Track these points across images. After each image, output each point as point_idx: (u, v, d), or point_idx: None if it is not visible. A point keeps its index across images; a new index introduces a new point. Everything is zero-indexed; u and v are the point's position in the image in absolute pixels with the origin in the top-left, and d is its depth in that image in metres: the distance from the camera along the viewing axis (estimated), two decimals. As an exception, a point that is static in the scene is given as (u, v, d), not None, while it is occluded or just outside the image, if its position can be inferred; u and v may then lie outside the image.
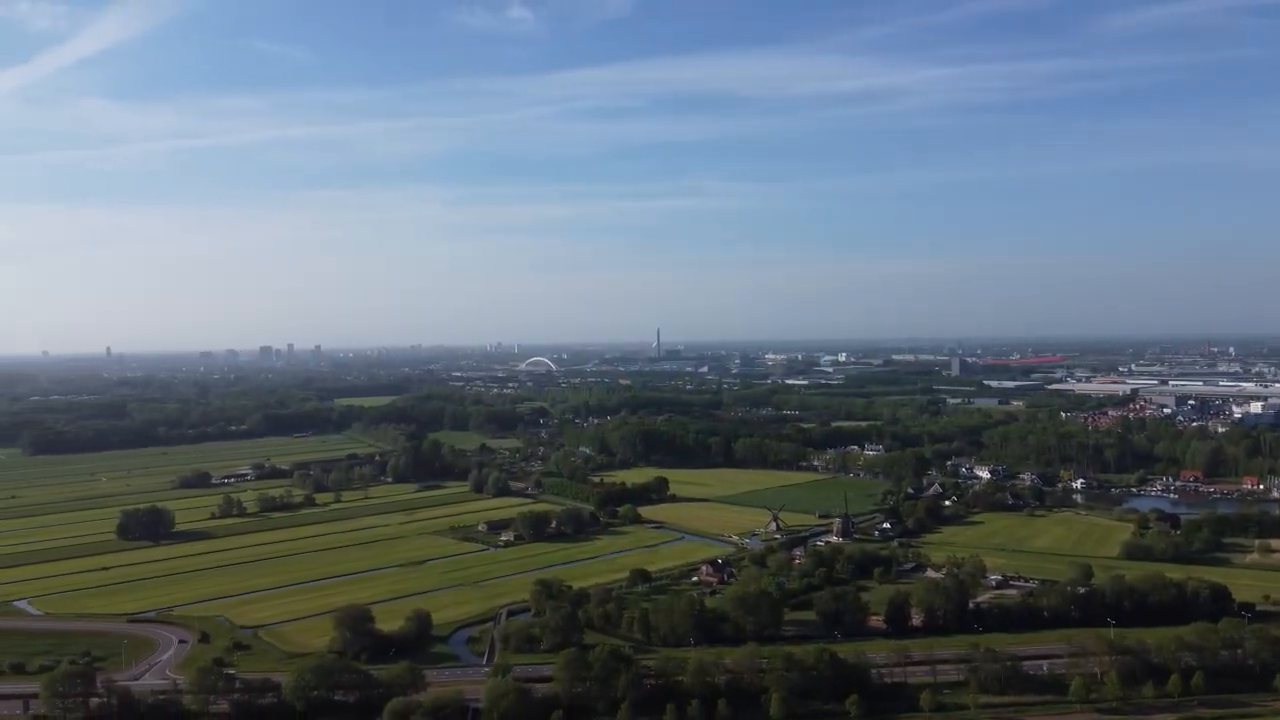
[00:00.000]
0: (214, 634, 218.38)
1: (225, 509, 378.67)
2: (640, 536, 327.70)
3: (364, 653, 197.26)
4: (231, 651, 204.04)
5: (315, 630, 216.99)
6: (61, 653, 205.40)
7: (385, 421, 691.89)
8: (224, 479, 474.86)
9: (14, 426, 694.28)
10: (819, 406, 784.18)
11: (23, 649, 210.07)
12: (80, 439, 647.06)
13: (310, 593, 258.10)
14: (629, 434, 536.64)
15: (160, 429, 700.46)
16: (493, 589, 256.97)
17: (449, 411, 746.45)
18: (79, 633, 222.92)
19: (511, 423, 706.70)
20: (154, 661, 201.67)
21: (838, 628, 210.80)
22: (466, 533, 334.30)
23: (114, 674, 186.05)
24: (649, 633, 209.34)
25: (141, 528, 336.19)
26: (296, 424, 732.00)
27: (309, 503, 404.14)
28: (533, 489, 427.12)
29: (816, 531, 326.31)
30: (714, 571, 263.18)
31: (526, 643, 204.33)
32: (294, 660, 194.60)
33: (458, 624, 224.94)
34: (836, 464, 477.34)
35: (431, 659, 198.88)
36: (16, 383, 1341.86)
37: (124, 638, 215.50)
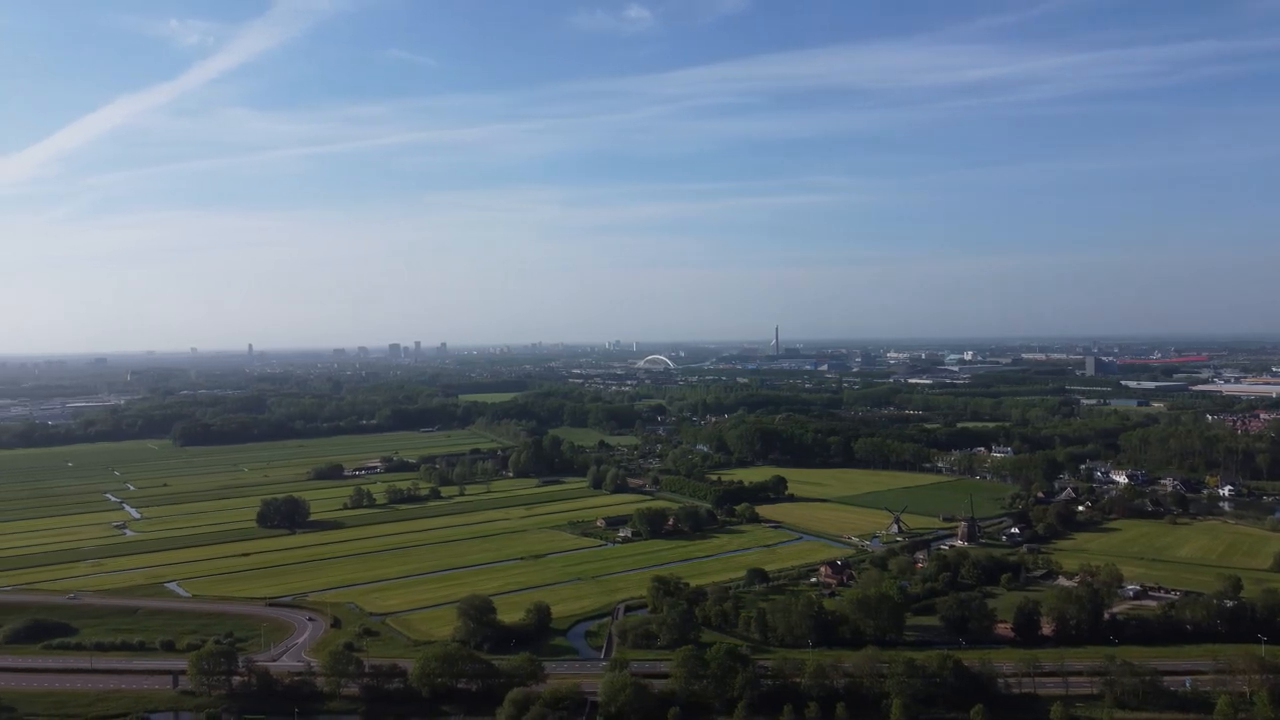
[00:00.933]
0: (345, 620, 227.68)
1: (356, 500, 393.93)
2: (757, 535, 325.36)
3: (486, 643, 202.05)
4: (361, 637, 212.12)
5: (440, 619, 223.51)
6: (207, 633, 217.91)
7: (507, 417, 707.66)
8: (355, 471, 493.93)
9: (166, 419, 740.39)
10: (943, 406, 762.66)
11: (173, 628, 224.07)
12: (225, 431, 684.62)
13: (435, 583, 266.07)
14: (747, 432, 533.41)
15: (297, 422, 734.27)
16: (610, 584, 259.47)
17: (568, 408, 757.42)
18: (223, 614, 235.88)
19: (629, 420, 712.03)
20: (290, 644, 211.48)
21: (962, 634, 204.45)
22: (585, 528, 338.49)
23: (254, 655, 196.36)
24: (766, 633, 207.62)
25: (279, 516, 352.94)
26: (423, 419, 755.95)
27: (434, 495, 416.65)
28: (650, 486, 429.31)
29: (940, 535, 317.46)
30: (833, 573, 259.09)
31: (643, 639, 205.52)
32: (419, 647, 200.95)
33: (576, 618, 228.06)
34: (962, 466, 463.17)
35: (550, 651, 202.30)
36: (168, 378, 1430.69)
37: (263, 621, 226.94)
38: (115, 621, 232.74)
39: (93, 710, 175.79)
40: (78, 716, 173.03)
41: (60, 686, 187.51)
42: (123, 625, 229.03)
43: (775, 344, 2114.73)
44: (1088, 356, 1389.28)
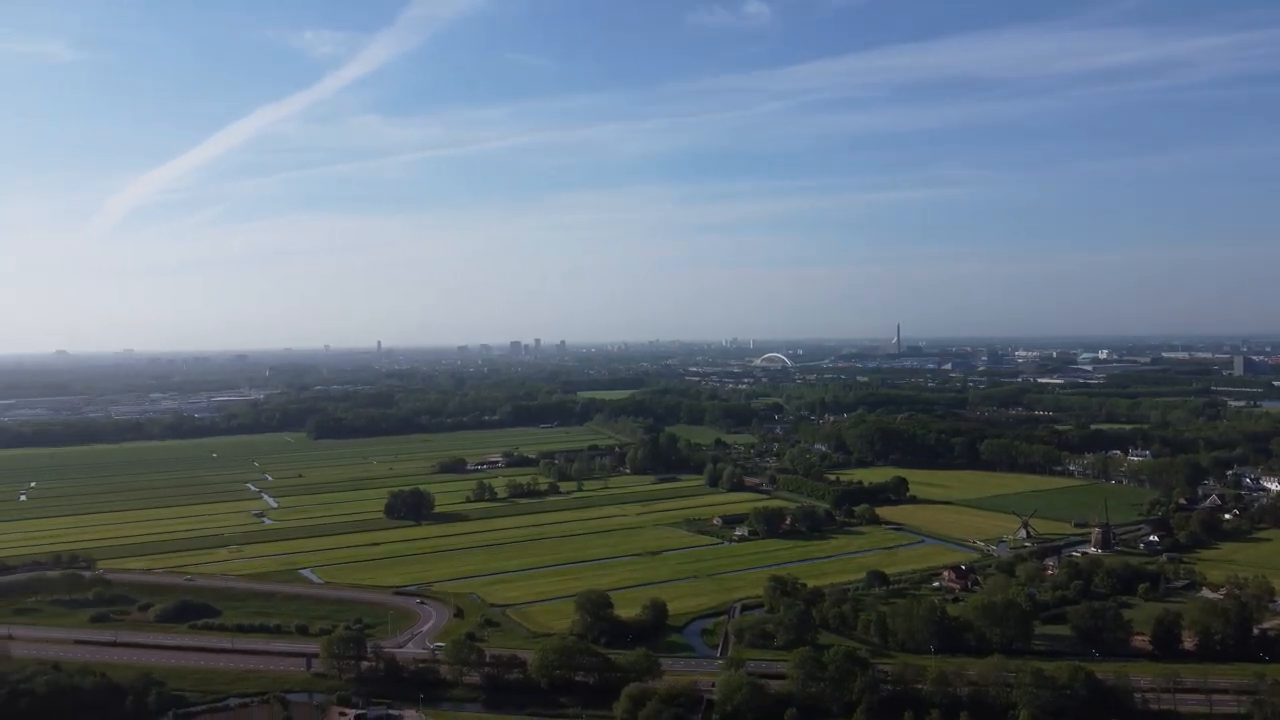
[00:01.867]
0: (467, 610, 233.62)
1: (478, 493, 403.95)
2: (877, 537, 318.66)
3: (603, 637, 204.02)
4: (483, 628, 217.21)
5: (558, 612, 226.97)
6: (338, 618, 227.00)
7: (624, 414, 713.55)
8: (477, 465, 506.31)
9: (301, 413, 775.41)
10: (1076, 407, 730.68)
11: (307, 613, 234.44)
12: (355, 425, 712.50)
13: (553, 576, 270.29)
14: (866, 432, 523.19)
15: (423, 417, 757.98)
16: (726, 583, 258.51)
17: (685, 406, 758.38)
18: (352, 601, 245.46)
19: (746, 418, 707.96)
20: (415, 632, 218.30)
21: (1095, 645, 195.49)
22: (701, 526, 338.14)
23: (381, 641, 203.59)
24: (886, 637, 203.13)
25: (405, 508, 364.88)
26: (543, 415, 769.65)
27: (553, 490, 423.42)
28: (767, 485, 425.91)
29: (1072, 541, 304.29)
30: (957, 577, 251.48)
31: (760, 638, 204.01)
32: (538, 639, 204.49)
33: (692, 615, 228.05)
34: (1096, 469, 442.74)
35: (667, 648, 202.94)
36: (303, 374, 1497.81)
37: (390, 608, 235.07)
38: (254, 605, 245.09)
39: (234, 688, 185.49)
40: (221, 693, 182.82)
41: (204, 664, 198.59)
42: (261, 609, 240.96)
43: (896, 342, 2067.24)
44: (1235, 356, 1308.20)
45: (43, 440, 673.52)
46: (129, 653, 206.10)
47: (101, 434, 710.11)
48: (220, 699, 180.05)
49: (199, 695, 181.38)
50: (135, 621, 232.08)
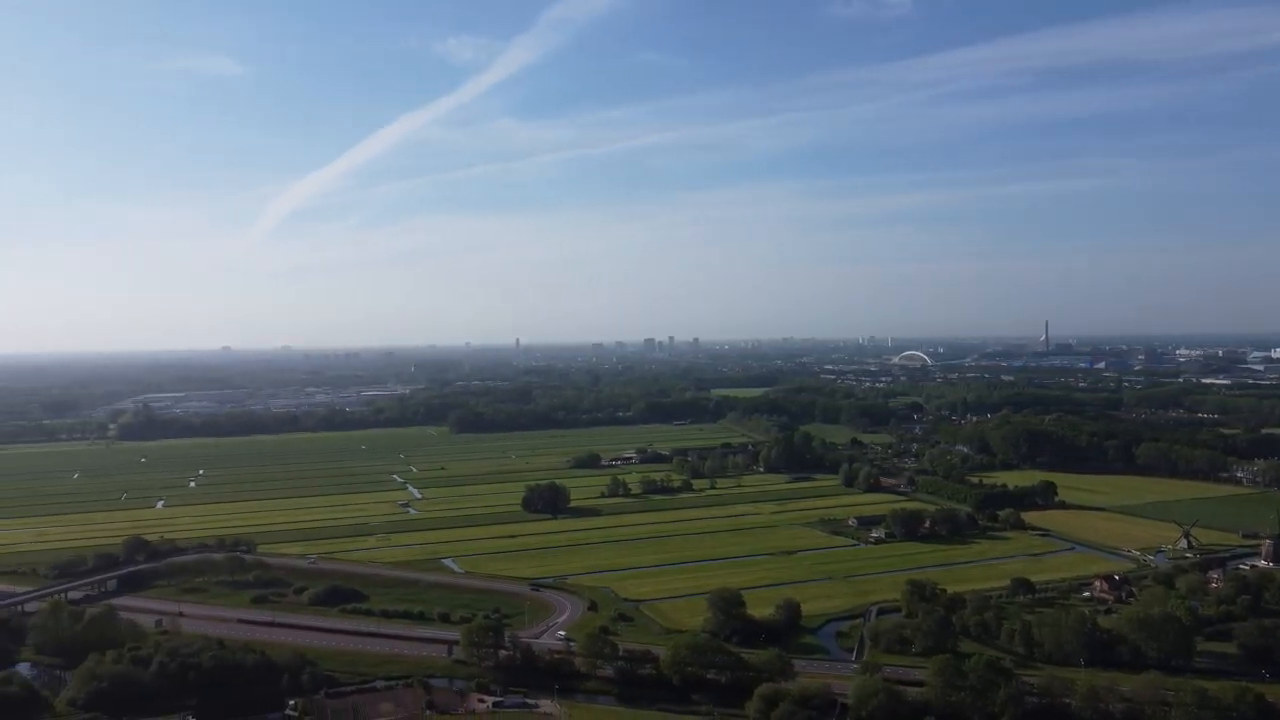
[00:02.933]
0: (601, 604, 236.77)
1: (612, 489, 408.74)
2: (1022, 543, 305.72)
3: (735, 635, 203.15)
4: (616, 622, 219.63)
5: (690, 609, 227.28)
6: (477, 607, 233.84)
7: (757, 412, 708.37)
8: (611, 461, 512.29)
9: (443, 407, 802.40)
10: (1245, 409, 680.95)
11: (448, 601, 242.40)
12: (495, 420, 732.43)
13: (686, 573, 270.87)
14: (1011, 433, 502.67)
15: (559, 413, 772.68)
16: (862, 585, 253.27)
17: (819, 404, 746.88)
18: (491, 591, 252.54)
19: (883, 418, 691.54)
20: (551, 623, 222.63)
21: (1265, 666, 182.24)
22: (836, 526, 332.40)
23: (519, 631, 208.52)
24: (1031, 647, 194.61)
25: (542, 502, 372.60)
26: (676, 412, 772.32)
27: (686, 487, 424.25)
28: (905, 486, 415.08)
29: (1239, 553, 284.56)
30: (1109, 588, 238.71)
31: (897, 643, 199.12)
32: (670, 636, 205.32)
33: (826, 617, 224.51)
34: (1268, 476, 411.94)
35: (800, 649, 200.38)
36: (446, 370, 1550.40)
37: (527, 599, 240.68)
38: (399, 591, 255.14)
39: (380, 670, 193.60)
40: (368, 675, 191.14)
41: (353, 646, 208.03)
42: (405, 595, 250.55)
43: (1045, 340, 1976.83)
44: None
45: (210, 431, 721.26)
46: (285, 633, 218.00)
47: (261, 425, 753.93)
48: (367, 680, 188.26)
49: (348, 676, 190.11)
50: (290, 604, 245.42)
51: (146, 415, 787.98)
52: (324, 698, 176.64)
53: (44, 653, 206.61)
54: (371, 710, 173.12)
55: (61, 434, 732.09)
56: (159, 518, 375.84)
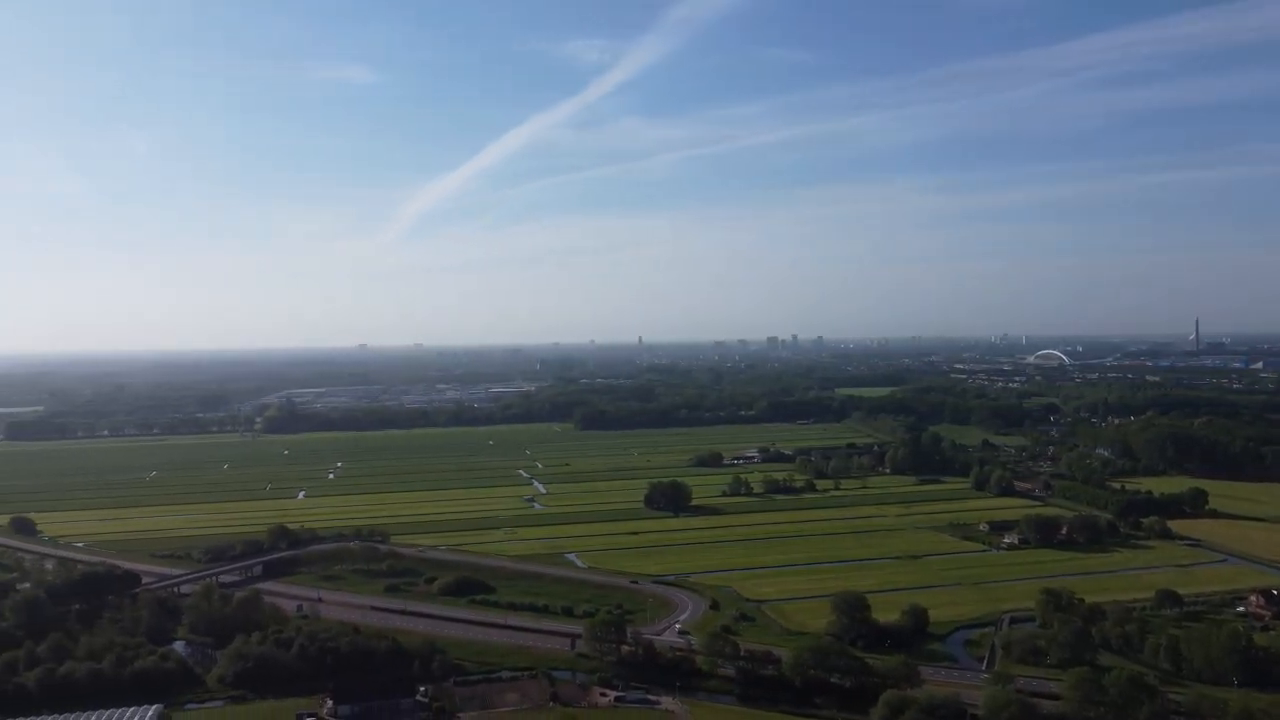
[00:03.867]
0: (723, 603, 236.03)
1: (734, 488, 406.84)
2: (1168, 553, 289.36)
3: (859, 640, 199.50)
4: (737, 621, 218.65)
5: (812, 611, 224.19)
6: (600, 602, 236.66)
7: (883, 412, 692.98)
8: (733, 460, 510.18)
9: (568, 404, 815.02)
10: None
11: (572, 595, 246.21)
12: (617, 417, 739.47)
13: (809, 574, 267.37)
14: (1157, 436, 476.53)
15: (681, 411, 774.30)
16: (993, 592, 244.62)
17: (949, 405, 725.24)
18: (613, 587, 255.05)
19: (1017, 419, 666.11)
20: (672, 621, 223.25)
21: None
22: (966, 531, 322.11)
23: (640, 627, 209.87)
24: (1178, 663, 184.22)
25: (664, 499, 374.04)
26: (799, 411, 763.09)
27: (809, 488, 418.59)
28: (1040, 491, 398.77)
29: None
30: (1267, 603, 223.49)
31: (1030, 654, 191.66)
32: (792, 637, 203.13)
33: (954, 624, 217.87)
34: None
35: (926, 656, 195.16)
36: (570, 367, 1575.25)
37: (649, 596, 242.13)
38: (524, 584, 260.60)
39: (506, 661, 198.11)
40: (494, 665, 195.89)
41: (480, 637, 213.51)
42: (530, 588, 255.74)
43: (1194, 338, 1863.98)
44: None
45: (347, 425, 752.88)
46: (415, 621, 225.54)
47: (395, 420, 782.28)
48: (494, 670, 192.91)
49: (475, 665, 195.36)
50: (421, 593, 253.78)
51: (289, 410, 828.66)
52: (453, 685, 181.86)
53: (196, 631, 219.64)
54: (498, 699, 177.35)
55: (213, 427, 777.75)
56: (300, 508, 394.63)
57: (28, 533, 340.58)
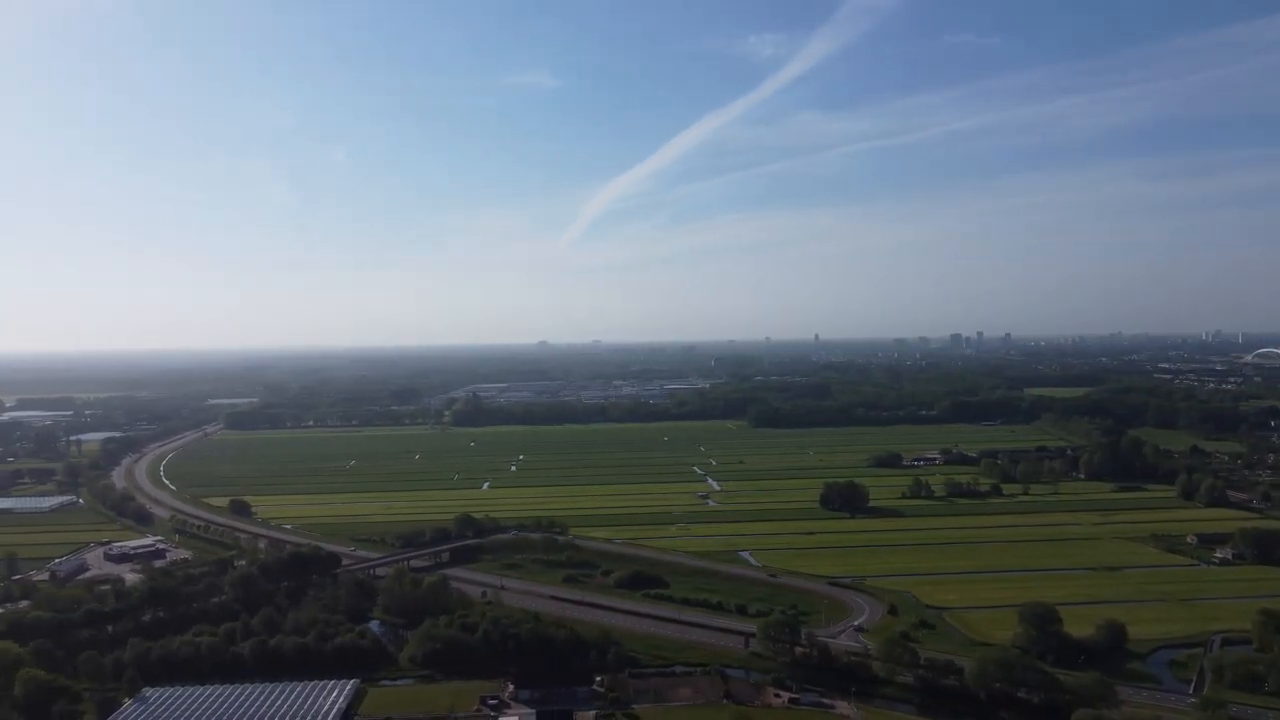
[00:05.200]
0: (901, 608, 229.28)
1: (914, 490, 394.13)
2: None
3: (1048, 654, 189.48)
4: (917, 628, 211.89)
5: (998, 621, 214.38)
6: (773, 602, 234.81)
7: (1077, 414, 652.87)
8: (913, 461, 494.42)
9: (742, 402, 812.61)
10: None
11: (744, 593, 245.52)
12: (792, 415, 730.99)
13: (994, 583, 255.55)
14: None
15: (858, 410, 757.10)
16: (1202, 610, 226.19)
17: (1152, 406, 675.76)
18: (787, 587, 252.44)
19: (1231, 423, 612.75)
20: (848, 624, 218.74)
21: None
22: (1171, 543, 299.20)
23: (815, 629, 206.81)
24: None
25: (840, 500, 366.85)
26: (984, 412, 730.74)
27: (995, 492, 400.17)
28: (1259, 502, 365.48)
29: None
30: None
31: (1245, 680, 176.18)
32: (976, 648, 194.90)
33: (1156, 643, 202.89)
34: None
35: (1125, 675, 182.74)
36: (744, 365, 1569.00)
37: (823, 598, 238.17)
38: (698, 580, 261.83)
39: (679, 656, 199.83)
40: (668, 659, 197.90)
41: (654, 631, 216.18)
42: (703, 585, 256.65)
43: None
44: None
45: (528, 419, 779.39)
46: (592, 612, 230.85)
47: (573, 415, 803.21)
48: (667, 665, 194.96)
49: (649, 658, 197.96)
50: (598, 585, 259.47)
51: (475, 404, 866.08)
52: (627, 676, 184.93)
53: (390, 612, 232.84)
54: (671, 694, 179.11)
55: (405, 419, 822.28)
56: (485, 498, 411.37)
57: (244, 514, 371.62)
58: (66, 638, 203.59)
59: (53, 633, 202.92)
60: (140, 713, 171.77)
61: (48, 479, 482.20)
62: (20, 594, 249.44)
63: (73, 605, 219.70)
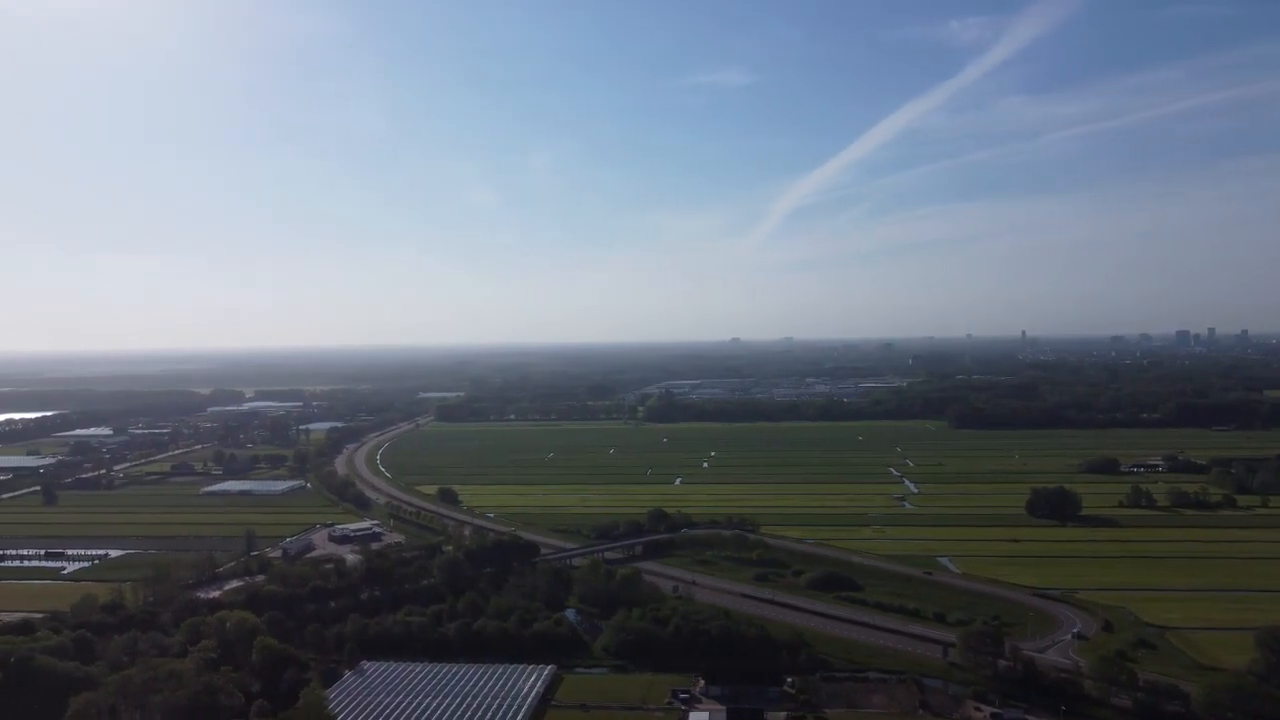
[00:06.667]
0: (1117, 625, 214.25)
1: (1133, 498, 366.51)
2: None
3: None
4: (1135, 647, 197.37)
5: (1229, 645, 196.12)
6: (974, 611, 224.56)
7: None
8: (1132, 468, 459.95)
9: (941, 401, 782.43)
10: None
11: (942, 600, 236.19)
12: (996, 416, 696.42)
13: (1225, 602, 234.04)
14: None
15: (1069, 411, 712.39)
16: None
17: None
18: (989, 596, 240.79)
19: None
20: (1056, 639, 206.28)
21: None
22: None
23: (1019, 642, 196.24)
24: None
25: (1049, 506, 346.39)
26: (1216, 415, 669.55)
27: (1228, 503, 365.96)
28: None
29: None
30: None
31: None
32: (1204, 673, 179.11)
33: None
34: None
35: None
36: (944, 362, 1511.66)
37: (1028, 609, 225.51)
38: (893, 585, 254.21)
39: (873, 662, 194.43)
40: (862, 664, 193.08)
41: (846, 634, 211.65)
42: (899, 590, 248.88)
43: None
44: None
45: (719, 416, 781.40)
46: (782, 612, 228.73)
47: (764, 413, 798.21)
48: (861, 669, 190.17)
49: (841, 662, 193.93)
50: (789, 585, 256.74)
51: (668, 400, 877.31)
52: (819, 679, 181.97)
53: (585, 601, 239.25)
54: (864, 700, 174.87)
55: (600, 414, 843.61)
56: (676, 493, 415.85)
57: (451, 502, 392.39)
58: (295, 610, 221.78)
59: (284, 605, 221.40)
60: (359, 684, 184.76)
61: (280, 464, 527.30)
62: (257, 568, 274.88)
63: (301, 581, 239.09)
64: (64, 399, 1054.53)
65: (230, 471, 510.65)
